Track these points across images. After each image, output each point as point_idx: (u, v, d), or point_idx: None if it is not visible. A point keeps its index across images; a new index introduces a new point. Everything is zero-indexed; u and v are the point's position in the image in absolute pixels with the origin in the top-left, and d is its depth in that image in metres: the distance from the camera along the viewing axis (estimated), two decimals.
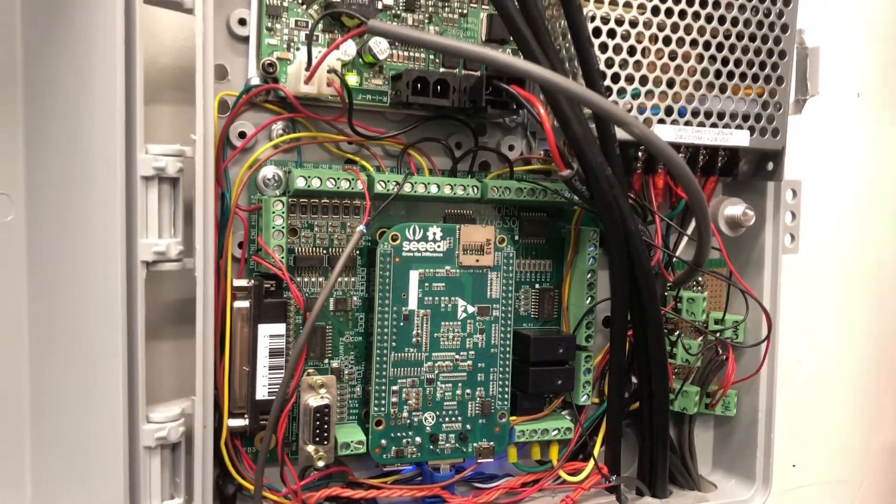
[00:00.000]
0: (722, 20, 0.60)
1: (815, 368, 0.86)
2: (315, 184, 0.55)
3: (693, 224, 0.67)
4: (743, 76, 0.62)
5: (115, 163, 0.48)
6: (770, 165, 0.66)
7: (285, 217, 0.55)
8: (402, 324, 0.58)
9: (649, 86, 0.59)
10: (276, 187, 0.57)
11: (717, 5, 0.60)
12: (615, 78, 0.58)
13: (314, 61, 0.53)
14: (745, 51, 0.61)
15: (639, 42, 0.58)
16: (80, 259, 0.51)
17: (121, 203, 0.48)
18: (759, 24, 0.62)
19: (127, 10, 0.48)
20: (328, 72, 0.54)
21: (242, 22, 0.56)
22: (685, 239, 0.66)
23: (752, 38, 0.62)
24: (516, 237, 0.65)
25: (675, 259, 0.65)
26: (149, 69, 0.54)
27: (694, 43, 0.60)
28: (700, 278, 0.69)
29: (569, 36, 0.56)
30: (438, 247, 0.59)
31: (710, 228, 0.56)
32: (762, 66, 0.62)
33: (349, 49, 0.57)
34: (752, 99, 0.62)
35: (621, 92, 0.58)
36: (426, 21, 0.59)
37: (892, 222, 0.88)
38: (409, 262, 0.58)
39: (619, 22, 0.58)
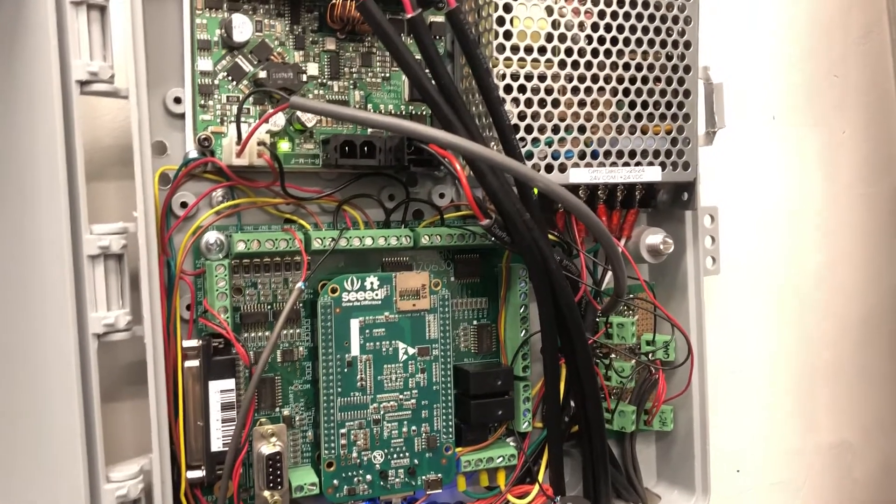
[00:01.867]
0: (627, 67, 0.65)
1: (755, 377, 0.90)
2: (254, 246, 0.59)
3: None
4: (651, 116, 0.66)
5: (61, 245, 0.52)
6: (685, 195, 0.71)
7: (228, 279, 0.59)
8: (346, 370, 0.62)
9: (562, 133, 0.63)
10: (220, 251, 0.61)
11: (621, 53, 0.65)
12: (528, 129, 0.62)
13: (245, 135, 0.58)
14: (651, 93, 0.66)
15: (548, 94, 0.63)
16: (35, 334, 0.54)
17: (70, 281, 0.52)
18: (663, 67, 0.66)
19: (65, 100, 0.52)
20: (258, 144, 0.58)
21: (178, 100, 0.60)
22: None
23: (658, 80, 0.66)
24: (452, 278, 0.69)
25: (602, 290, 0.70)
26: (92, 150, 0.59)
27: (602, 90, 0.65)
28: (629, 304, 0.73)
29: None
30: (376, 295, 0.63)
31: (621, 261, 0.61)
32: (668, 105, 0.67)
33: (278, 120, 0.61)
34: (661, 136, 0.67)
35: (535, 141, 0.63)
36: (351, 87, 0.64)
37: (813, 234, 0.93)
38: (349, 311, 0.62)
39: (529, 77, 0.62)
